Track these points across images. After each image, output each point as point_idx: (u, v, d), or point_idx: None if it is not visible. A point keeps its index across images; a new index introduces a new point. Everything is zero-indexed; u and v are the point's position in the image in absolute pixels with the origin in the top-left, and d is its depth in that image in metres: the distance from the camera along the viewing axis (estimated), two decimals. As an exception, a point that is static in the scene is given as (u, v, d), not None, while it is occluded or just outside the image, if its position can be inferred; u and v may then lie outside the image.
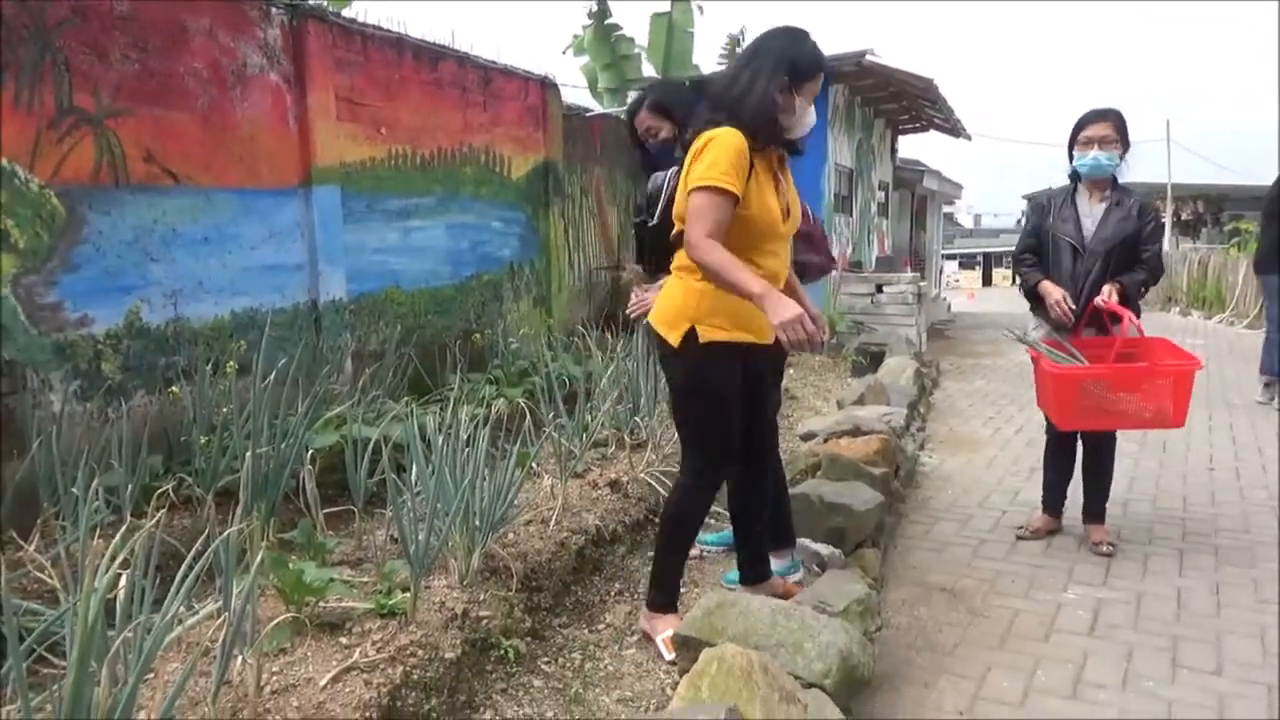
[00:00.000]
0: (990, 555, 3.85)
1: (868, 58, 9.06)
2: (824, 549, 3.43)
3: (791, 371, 7.89)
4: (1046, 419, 3.99)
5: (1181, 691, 2.72)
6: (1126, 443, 5.72)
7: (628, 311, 3.30)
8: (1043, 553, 3.86)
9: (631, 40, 12.87)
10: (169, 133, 4.09)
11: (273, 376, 3.41)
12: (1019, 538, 4.03)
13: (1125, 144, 3.65)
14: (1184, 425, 3.58)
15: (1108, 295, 3.58)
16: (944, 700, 2.67)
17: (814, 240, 3.44)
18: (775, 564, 3.22)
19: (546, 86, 7.28)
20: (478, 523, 2.77)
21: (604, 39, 12.74)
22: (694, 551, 3.62)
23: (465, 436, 3.00)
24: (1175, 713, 2.61)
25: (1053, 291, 3.68)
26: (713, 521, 3.85)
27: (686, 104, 3.28)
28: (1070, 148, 3.74)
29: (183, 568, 1.95)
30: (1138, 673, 2.83)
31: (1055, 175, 4.21)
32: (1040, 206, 3.96)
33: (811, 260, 3.42)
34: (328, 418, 3.84)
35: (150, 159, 4.00)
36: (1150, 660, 2.91)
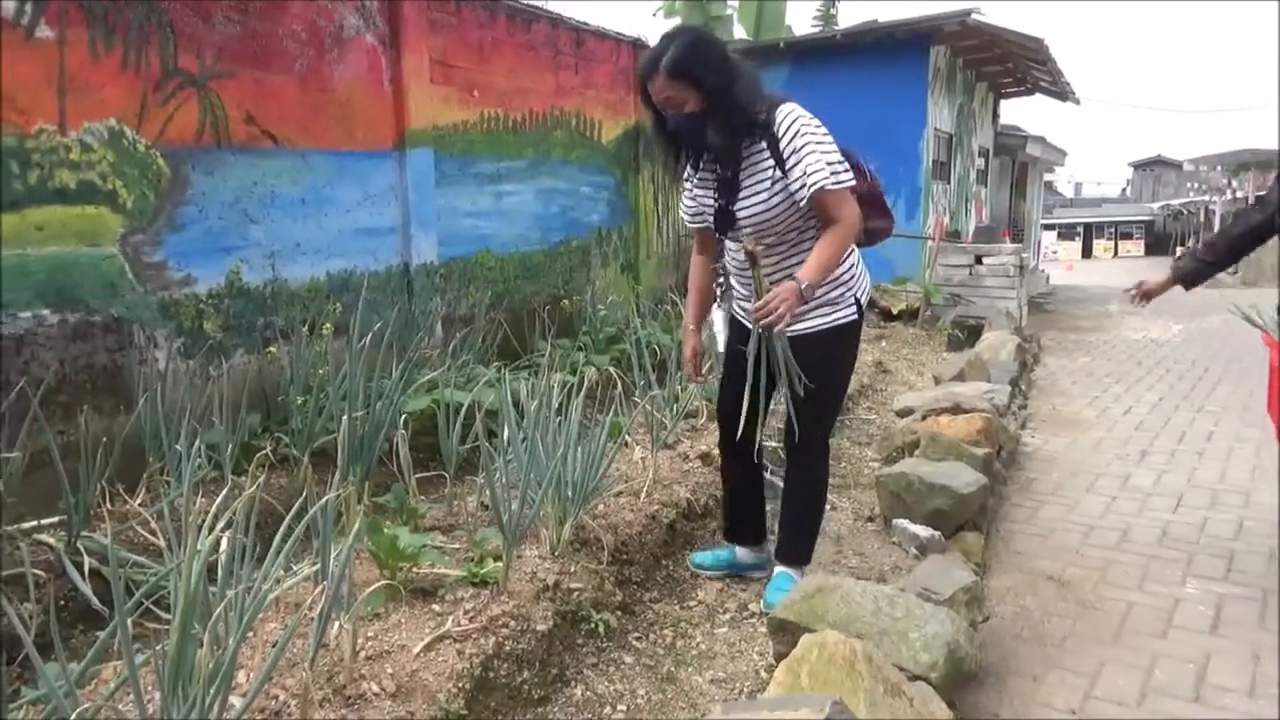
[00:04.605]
0: (1100, 543, 3.64)
1: (973, 16, 8.63)
2: (923, 531, 3.29)
3: (884, 344, 7.67)
4: None
5: (1317, 700, 2.51)
6: (1247, 427, 5.38)
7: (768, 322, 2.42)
8: (1157, 542, 3.64)
9: (724, 1, 12.58)
10: (268, 95, 4.12)
11: (368, 339, 3.43)
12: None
13: None
14: None
15: None
16: (1054, 696, 2.53)
17: (876, 202, 2.92)
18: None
19: (638, 48, 7.16)
20: (569, 493, 2.73)
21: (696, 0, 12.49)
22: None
23: (557, 404, 2.95)
24: (1312, 724, 2.41)
25: None
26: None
27: (720, 69, 2.44)
28: None
29: (281, 529, 1.95)
30: (1267, 677, 2.62)
31: (1167, 143, 3.67)
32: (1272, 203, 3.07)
33: (880, 225, 2.95)
34: (420, 382, 3.85)
35: (250, 120, 4.04)
36: (1281, 665, 2.70)
